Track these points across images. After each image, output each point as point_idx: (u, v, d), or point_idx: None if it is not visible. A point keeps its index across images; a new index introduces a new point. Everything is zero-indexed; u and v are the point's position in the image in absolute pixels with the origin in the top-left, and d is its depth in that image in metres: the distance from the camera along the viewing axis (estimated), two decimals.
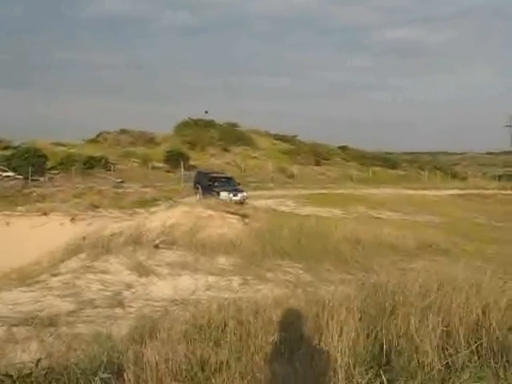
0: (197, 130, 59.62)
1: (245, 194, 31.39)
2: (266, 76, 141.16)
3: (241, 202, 28.44)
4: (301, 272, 11.29)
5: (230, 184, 33.33)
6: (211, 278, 9.84)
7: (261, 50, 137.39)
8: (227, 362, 5.60)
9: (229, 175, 37.70)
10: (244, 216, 20.31)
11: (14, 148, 46.94)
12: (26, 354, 6.67)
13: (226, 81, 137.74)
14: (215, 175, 35.90)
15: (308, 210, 29.84)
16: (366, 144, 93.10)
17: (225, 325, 6.28)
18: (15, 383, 5.00)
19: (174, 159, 47.23)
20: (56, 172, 42.69)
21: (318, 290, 8.48)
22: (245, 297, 8.39)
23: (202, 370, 5.55)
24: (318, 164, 59.73)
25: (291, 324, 6.49)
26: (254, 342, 5.92)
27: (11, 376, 5.08)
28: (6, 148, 47.63)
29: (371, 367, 4.67)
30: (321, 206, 31.62)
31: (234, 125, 65.77)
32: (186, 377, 5.33)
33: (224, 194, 29.53)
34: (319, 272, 11.16)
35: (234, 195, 30.08)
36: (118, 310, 8.33)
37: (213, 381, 5.37)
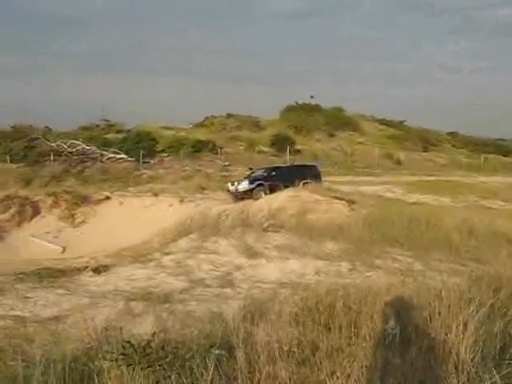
0: (302, 115, 59.44)
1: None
2: (372, 60, 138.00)
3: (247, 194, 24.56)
4: (410, 260, 11.03)
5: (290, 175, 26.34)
6: (319, 263, 9.82)
7: (367, 34, 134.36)
8: (339, 347, 5.59)
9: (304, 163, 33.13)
10: (351, 202, 20.08)
11: (126, 132, 48.85)
12: (142, 328, 6.96)
13: (332, 65, 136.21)
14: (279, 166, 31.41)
15: (415, 197, 29.10)
16: (477, 130, 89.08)
17: (333, 309, 6.25)
18: (136, 351, 5.25)
19: (280, 143, 47.41)
20: (165, 155, 44.02)
21: (428, 280, 8.26)
22: (353, 283, 8.32)
23: (313, 353, 5.56)
24: (425, 150, 57.98)
25: (401, 312, 6.35)
26: (363, 328, 5.86)
27: (132, 344, 5.34)
28: (118, 132, 49.64)
29: (499, 364, 4.43)
30: (428, 193, 30.72)
31: (340, 109, 64.96)
32: (297, 359, 5.36)
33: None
34: (429, 261, 10.84)
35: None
36: (228, 290, 8.51)
37: (324, 365, 5.38)
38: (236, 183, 26.16)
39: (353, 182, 32.08)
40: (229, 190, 26.47)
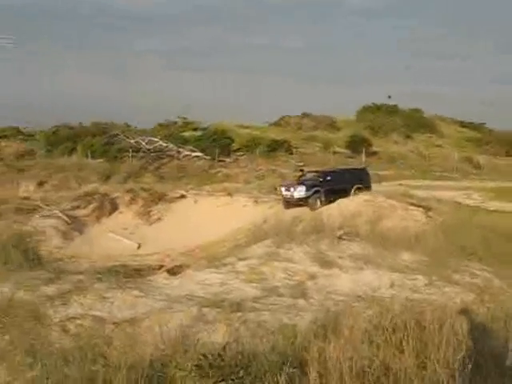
0: (379, 116, 58.57)
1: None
2: (453, 59, 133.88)
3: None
4: (489, 276, 10.64)
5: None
6: (394, 275, 9.63)
7: (447, 33, 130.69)
8: (411, 370, 5.46)
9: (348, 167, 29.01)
10: (427, 208, 19.61)
11: (203, 129, 49.50)
12: (215, 336, 7.04)
13: (410, 64, 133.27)
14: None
15: (496, 204, 28.01)
16: None
17: (407, 329, 6.12)
18: (210, 364, 5.33)
19: (356, 145, 46.90)
20: (241, 154, 44.36)
21: (509, 300, 7.98)
22: (429, 299, 8.12)
23: (385, 374, 5.47)
24: (508, 155, 55.82)
25: (477, 336, 6.16)
26: (437, 351, 5.71)
27: (207, 357, 5.42)
28: (195, 129, 50.35)
29: None
30: (511, 201, 29.55)
31: (418, 111, 63.51)
32: (369, 380, 5.28)
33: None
34: (510, 278, 10.42)
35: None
36: (301, 301, 8.48)
37: None
38: (292, 189, 23.33)
39: (430, 187, 31.27)
40: (282, 195, 23.81)
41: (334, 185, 23.63)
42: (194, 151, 42.03)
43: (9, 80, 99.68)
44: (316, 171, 26.75)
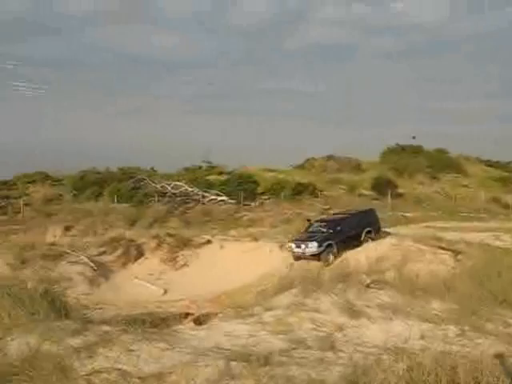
0: (404, 157, 58.35)
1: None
2: (475, 98, 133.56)
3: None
4: None
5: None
6: (424, 326, 9.40)
7: (467, 73, 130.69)
8: None
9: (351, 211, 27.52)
10: (456, 252, 19.34)
11: (228, 173, 49.85)
12: None
13: (433, 105, 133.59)
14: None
15: None
16: None
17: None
18: None
19: (381, 186, 46.68)
20: (266, 197, 44.44)
21: None
22: (462, 351, 7.89)
23: None
24: None
25: None
26: None
27: None
28: (220, 173, 50.73)
29: None
30: None
31: (443, 151, 63.19)
32: None
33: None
34: None
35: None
36: (329, 354, 8.29)
37: None
38: (303, 245, 22.17)
39: (457, 228, 30.85)
40: (292, 251, 22.73)
41: (346, 233, 23.20)
42: (220, 195, 42.28)
43: (38, 127, 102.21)
44: (323, 220, 26.00)
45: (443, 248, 19.73)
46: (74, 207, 38.94)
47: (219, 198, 41.94)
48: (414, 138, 64.55)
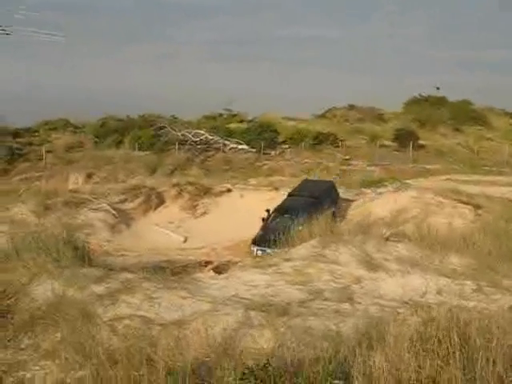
0: (427, 108, 57.35)
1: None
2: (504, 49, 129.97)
3: None
4: None
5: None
6: (442, 280, 9.47)
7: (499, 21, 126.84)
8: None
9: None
10: (476, 206, 19.24)
11: (248, 122, 49.55)
12: (260, 342, 7.08)
13: (460, 53, 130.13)
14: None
15: None
16: None
17: (453, 340, 6.03)
18: (254, 376, 5.37)
19: (403, 138, 46.14)
20: (286, 146, 44.26)
21: None
22: (478, 306, 7.98)
23: None
24: None
25: None
26: (486, 366, 5.61)
27: (252, 370, 5.46)
28: (241, 121, 50.44)
29: None
30: None
31: (467, 102, 61.87)
32: None
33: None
34: None
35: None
36: (346, 306, 8.44)
37: None
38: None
39: (479, 182, 30.58)
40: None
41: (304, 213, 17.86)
42: (240, 144, 42.15)
43: (58, 74, 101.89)
44: (282, 208, 21.22)
45: (463, 202, 19.63)
46: (96, 154, 39.21)
47: (240, 147, 41.86)
48: (438, 88, 63.28)
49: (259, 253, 16.85)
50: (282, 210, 20.99)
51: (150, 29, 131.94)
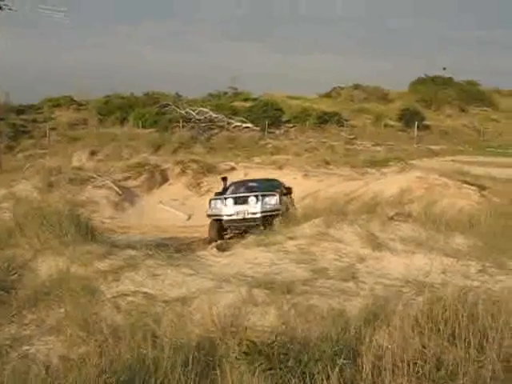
0: (433, 88, 57.13)
1: None
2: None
3: None
4: None
5: None
6: (446, 260, 9.42)
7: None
8: (464, 364, 5.36)
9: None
10: (482, 187, 19.14)
11: (253, 100, 49.45)
12: (264, 320, 7.07)
13: (467, 34, 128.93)
14: None
15: None
16: None
17: (459, 319, 6.00)
18: (259, 352, 5.35)
19: (408, 118, 46.00)
20: (290, 125, 44.19)
21: None
22: (483, 288, 7.94)
23: (437, 368, 5.39)
24: None
25: None
26: (492, 346, 5.59)
27: (256, 345, 5.44)
28: (245, 100, 50.35)
29: None
30: None
31: (474, 83, 61.61)
32: (422, 374, 5.22)
33: None
34: None
35: None
36: (351, 285, 8.41)
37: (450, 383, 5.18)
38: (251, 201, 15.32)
39: (484, 163, 30.53)
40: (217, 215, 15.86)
41: None
42: (244, 122, 42.10)
43: (61, 50, 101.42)
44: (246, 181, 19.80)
45: (468, 183, 19.51)
46: (99, 132, 39.18)
47: (244, 125, 41.84)
48: (444, 69, 62.96)
49: (219, 205, 15.78)
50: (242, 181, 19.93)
51: (156, 8, 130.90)
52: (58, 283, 8.67)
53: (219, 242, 14.51)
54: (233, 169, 28.29)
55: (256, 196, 15.33)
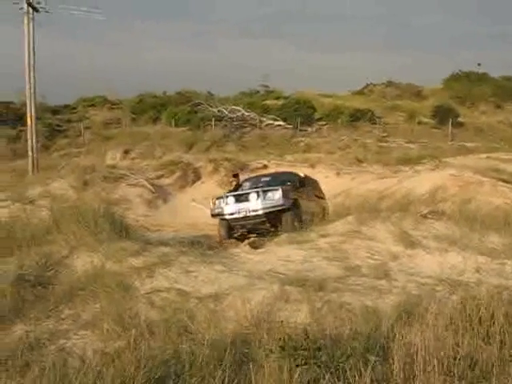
0: (467, 84, 56.11)
1: None
2: None
3: None
4: None
5: None
6: (481, 259, 9.32)
7: None
8: (498, 364, 5.31)
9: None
10: None
11: (285, 98, 49.36)
12: (297, 316, 7.10)
13: (503, 28, 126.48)
14: None
15: None
16: None
17: (494, 319, 5.95)
18: (294, 346, 5.38)
19: (442, 115, 45.33)
20: (323, 123, 43.99)
21: None
22: None
23: (471, 367, 5.34)
24: None
25: None
26: None
27: (292, 339, 5.47)
28: (277, 98, 50.26)
29: None
30: None
31: (510, 79, 60.36)
32: (455, 373, 5.18)
33: None
34: None
35: None
36: (383, 282, 8.39)
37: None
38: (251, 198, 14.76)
39: None
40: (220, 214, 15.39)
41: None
42: (276, 120, 42.05)
43: (96, 51, 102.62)
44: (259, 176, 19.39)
45: (504, 180, 19.26)
46: (133, 131, 39.59)
47: (276, 123, 41.78)
48: (479, 65, 61.83)
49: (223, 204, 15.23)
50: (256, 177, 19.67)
51: (185, 8, 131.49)
52: (93, 279, 8.82)
53: (252, 239, 14.52)
54: (265, 167, 28.36)
55: (257, 192, 14.68)
